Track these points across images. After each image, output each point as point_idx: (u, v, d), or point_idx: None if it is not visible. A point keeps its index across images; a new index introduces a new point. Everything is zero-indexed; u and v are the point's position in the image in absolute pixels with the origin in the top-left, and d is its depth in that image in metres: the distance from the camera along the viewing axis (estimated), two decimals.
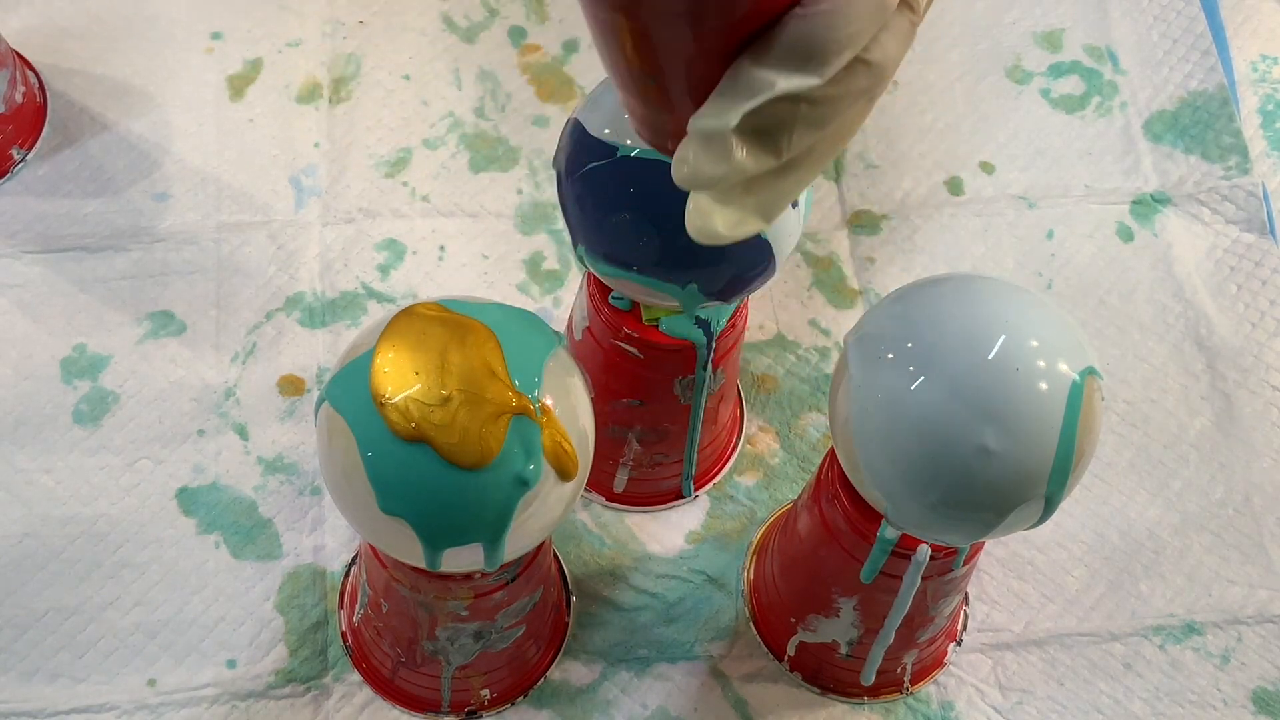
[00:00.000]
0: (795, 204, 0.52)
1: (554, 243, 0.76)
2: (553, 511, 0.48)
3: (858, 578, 0.56)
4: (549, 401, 0.47)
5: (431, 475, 0.45)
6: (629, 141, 0.50)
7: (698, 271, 0.52)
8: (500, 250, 0.75)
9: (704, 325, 0.58)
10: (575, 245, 0.54)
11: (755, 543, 0.68)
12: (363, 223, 0.75)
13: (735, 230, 0.39)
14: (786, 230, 0.52)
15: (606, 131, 0.51)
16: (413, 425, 0.45)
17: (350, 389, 0.47)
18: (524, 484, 0.46)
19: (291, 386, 0.70)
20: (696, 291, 0.53)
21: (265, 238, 0.74)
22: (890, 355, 0.49)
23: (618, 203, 0.51)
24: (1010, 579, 0.68)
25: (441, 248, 0.75)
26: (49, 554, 0.65)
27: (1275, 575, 0.68)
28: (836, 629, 0.60)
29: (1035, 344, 0.47)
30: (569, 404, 0.48)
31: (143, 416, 0.69)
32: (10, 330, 0.71)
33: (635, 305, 0.58)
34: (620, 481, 0.67)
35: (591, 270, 0.55)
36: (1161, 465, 0.71)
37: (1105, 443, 0.71)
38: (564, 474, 0.47)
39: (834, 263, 0.76)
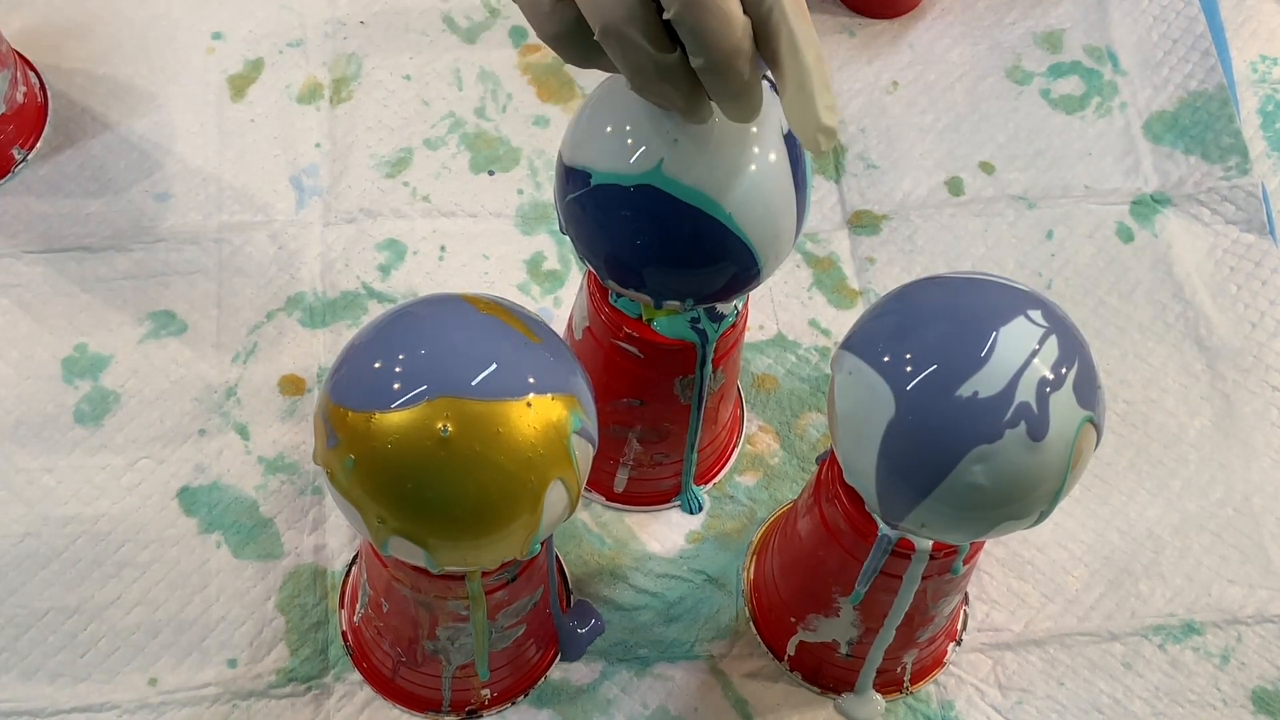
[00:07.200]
0: (800, 207, 0.52)
1: (554, 243, 0.76)
2: (553, 512, 0.48)
3: (857, 578, 0.56)
4: None
5: None
6: (601, 169, 0.50)
7: (686, 283, 0.53)
8: (501, 250, 0.76)
9: (699, 330, 0.58)
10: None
11: (755, 542, 0.68)
12: (363, 223, 0.76)
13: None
14: (776, 231, 0.52)
15: (580, 159, 0.51)
16: None
17: None
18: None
19: (292, 386, 0.71)
20: (693, 303, 0.54)
21: (266, 238, 0.75)
22: (883, 360, 0.49)
23: (598, 228, 0.52)
24: (1010, 579, 0.68)
25: (442, 248, 0.75)
26: (50, 553, 0.65)
27: (1275, 575, 0.68)
28: (836, 628, 0.60)
29: (1030, 349, 0.47)
30: None
31: (144, 416, 0.69)
32: (11, 330, 0.71)
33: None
34: (620, 481, 0.68)
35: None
36: (1161, 465, 0.71)
37: (1105, 443, 0.71)
38: None
39: (834, 263, 0.76)
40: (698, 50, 0.43)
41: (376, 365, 0.47)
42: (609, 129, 0.50)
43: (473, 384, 0.46)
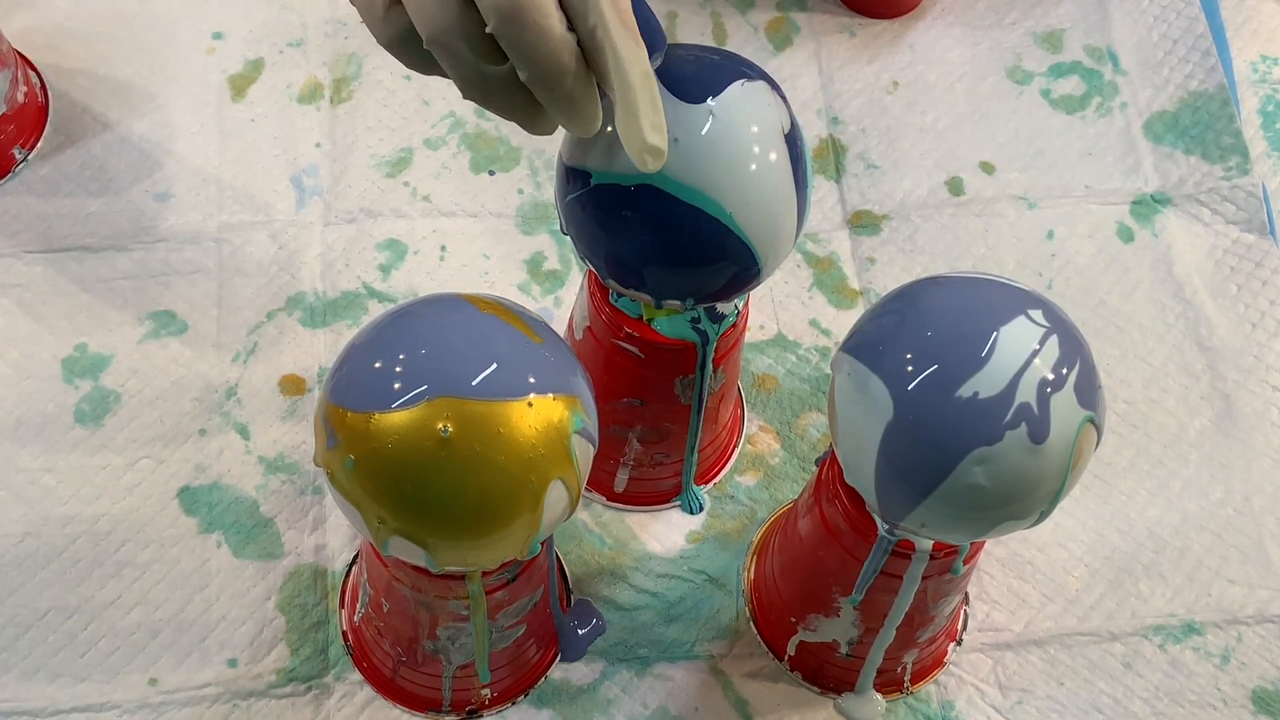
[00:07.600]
0: (801, 206, 0.52)
1: (555, 243, 0.76)
2: (553, 512, 0.48)
3: (857, 578, 0.56)
4: None
5: None
6: (601, 169, 0.50)
7: (686, 283, 0.53)
8: (501, 250, 0.76)
9: (699, 330, 0.58)
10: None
11: (755, 542, 0.68)
12: (364, 222, 0.76)
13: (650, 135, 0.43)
14: (776, 230, 0.52)
15: (579, 159, 0.51)
16: None
17: None
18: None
19: (293, 386, 0.71)
20: (693, 303, 0.54)
21: (266, 237, 0.75)
22: (883, 361, 0.49)
23: (598, 228, 0.52)
24: (1010, 579, 0.68)
25: (443, 247, 0.75)
26: (50, 553, 0.65)
27: (1275, 575, 0.68)
28: (837, 628, 0.60)
29: (1030, 349, 0.47)
30: None
31: (144, 416, 0.69)
32: (12, 330, 0.71)
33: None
34: (621, 481, 0.68)
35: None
36: (1161, 465, 0.71)
37: (1105, 442, 0.71)
38: None
39: (834, 263, 0.76)
40: (520, 64, 0.43)
41: (376, 365, 0.47)
42: (609, 129, 0.50)
43: (473, 384, 0.46)
